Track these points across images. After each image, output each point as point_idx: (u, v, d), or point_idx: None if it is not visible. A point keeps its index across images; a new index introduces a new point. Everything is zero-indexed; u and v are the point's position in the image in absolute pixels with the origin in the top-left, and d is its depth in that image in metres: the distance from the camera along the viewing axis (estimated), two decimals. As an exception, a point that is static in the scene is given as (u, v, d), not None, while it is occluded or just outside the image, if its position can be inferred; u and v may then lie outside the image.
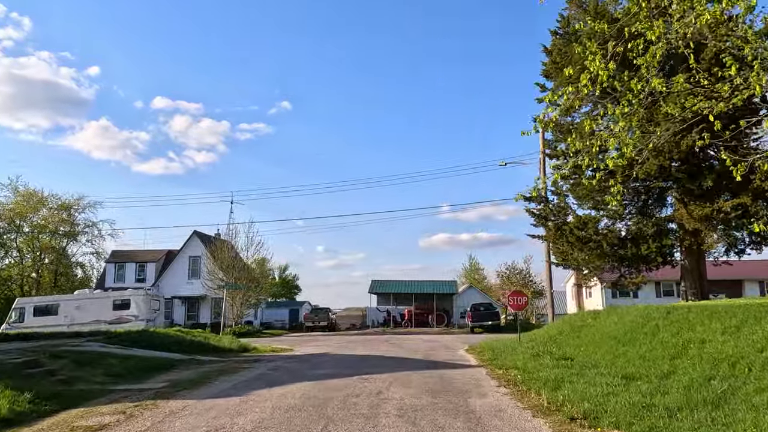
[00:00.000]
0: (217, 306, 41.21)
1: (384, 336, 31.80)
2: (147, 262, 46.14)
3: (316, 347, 21.09)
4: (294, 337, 34.25)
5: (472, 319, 35.51)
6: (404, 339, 26.10)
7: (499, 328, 35.96)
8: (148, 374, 11.79)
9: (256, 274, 40.92)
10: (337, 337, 30.43)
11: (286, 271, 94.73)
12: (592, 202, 17.71)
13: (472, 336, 30.50)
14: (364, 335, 34.53)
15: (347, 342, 23.99)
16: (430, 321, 41.71)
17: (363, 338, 27.99)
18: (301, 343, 24.43)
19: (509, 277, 36.84)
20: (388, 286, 42.93)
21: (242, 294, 37.53)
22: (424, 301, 44.96)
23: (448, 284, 43.57)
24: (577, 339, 15.14)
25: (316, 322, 41.32)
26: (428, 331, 38.06)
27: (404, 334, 34.52)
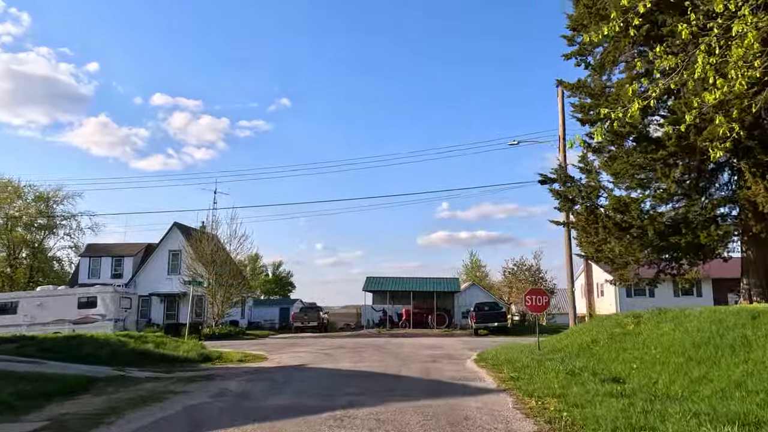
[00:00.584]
0: (198, 304, 37.79)
1: (379, 339, 28.42)
2: (124, 257, 42.66)
3: (294, 355, 17.70)
4: (279, 339, 30.85)
5: (476, 320, 32.15)
6: (401, 343, 22.73)
7: (505, 329, 32.62)
8: (39, 403, 8.42)
9: (242, 269, 37.51)
10: (327, 341, 27.06)
11: (280, 267, 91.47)
12: (632, 180, 14.30)
13: (477, 339, 27.13)
14: (356, 337, 31.16)
15: (335, 348, 20.60)
16: (430, 321, 38.35)
17: (354, 342, 24.61)
18: (280, 349, 21.04)
19: (516, 273, 33.39)
20: (384, 284, 39.54)
21: (224, 291, 34.14)
22: (423, 299, 41.56)
23: (450, 282, 40.16)
24: (622, 352, 11.76)
25: (306, 322, 37.92)
26: (428, 333, 34.67)
27: (401, 337, 31.13)
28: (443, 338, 29.57)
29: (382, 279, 40.38)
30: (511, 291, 33.74)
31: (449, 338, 29.50)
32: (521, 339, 26.96)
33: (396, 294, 41.25)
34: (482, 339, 27.88)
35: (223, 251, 35.45)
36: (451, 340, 25.68)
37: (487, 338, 29.29)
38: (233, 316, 42.38)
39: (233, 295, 34.39)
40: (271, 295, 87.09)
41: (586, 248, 15.82)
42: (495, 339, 27.72)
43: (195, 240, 35.66)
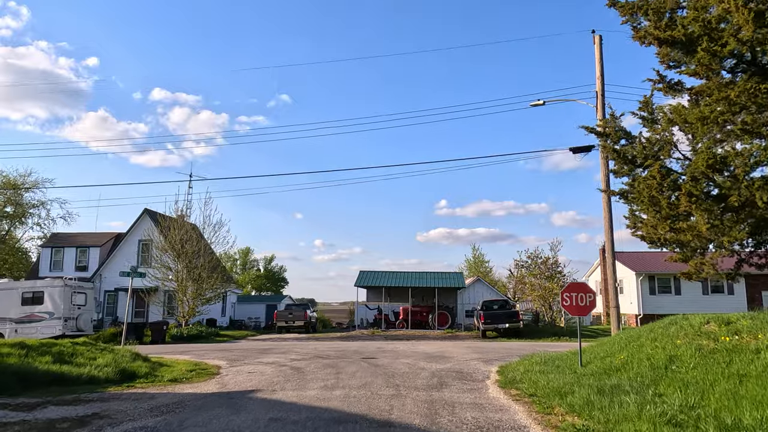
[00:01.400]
0: (171, 300, 33.52)
1: (371, 342, 24.14)
2: (90, 247, 38.36)
3: (255, 369, 13.42)
4: (255, 342, 26.54)
5: (484, 320, 27.87)
6: (396, 351, 18.45)
7: (517, 332, 28.34)
8: None
9: (223, 261, 33.21)
10: (309, 345, 22.82)
11: (272, 262, 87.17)
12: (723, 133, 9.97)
13: (487, 344, 22.85)
14: (346, 340, 26.88)
15: (313, 357, 16.32)
16: (431, 321, 34.07)
17: (340, 348, 20.33)
18: (246, 357, 16.75)
19: (530, 267, 29.06)
20: (379, 278, 35.20)
21: (196, 286, 29.83)
22: (423, 297, 37.24)
23: (454, 277, 35.82)
24: (737, 382, 7.47)
25: (290, 321, 33.60)
26: (428, 335, 30.38)
27: (397, 340, 26.84)
28: (446, 342, 25.30)
29: (377, 273, 36.04)
30: (523, 287, 29.33)
31: (453, 342, 25.22)
32: (540, 344, 22.70)
33: (393, 290, 36.95)
34: (492, 343, 23.63)
35: (198, 240, 31.12)
36: (456, 345, 21.41)
37: (497, 342, 25.02)
38: (211, 313, 38.11)
39: (206, 290, 30.07)
40: (263, 291, 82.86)
41: (648, 228, 11.47)
42: (508, 344, 23.45)
43: (165, 227, 31.33)
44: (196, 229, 31.40)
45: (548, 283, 28.51)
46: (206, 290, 29.97)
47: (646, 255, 40.56)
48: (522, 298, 31.58)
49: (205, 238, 31.27)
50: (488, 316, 28.06)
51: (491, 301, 31.07)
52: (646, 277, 36.62)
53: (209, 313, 38.03)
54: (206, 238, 32.27)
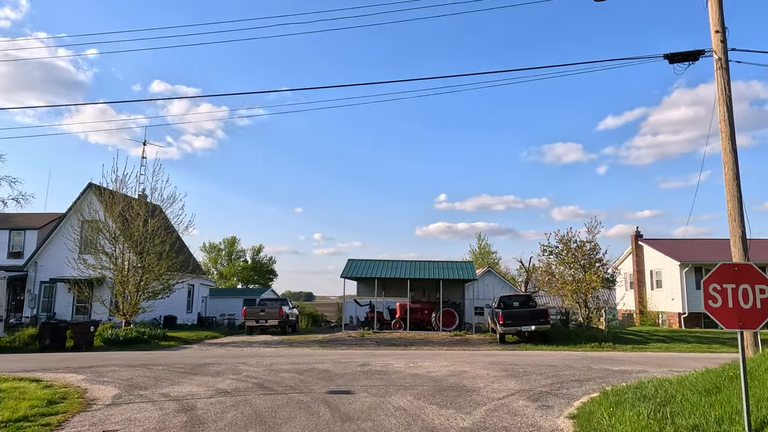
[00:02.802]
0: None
1: (354, 353, 18.00)
2: (26, 229, 32.13)
3: (129, 417, 7.32)
4: (204, 350, 20.41)
5: (503, 321, 21.71)
6: (386, 371, 12.31)
7: (546, 336, 22.21)
8: None
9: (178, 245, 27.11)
10: (266, 358, 16.78)
11: (260, 253, 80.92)
12: None
13: (515, 355, 16.62)
14: (325, 347, 20.73)
15: (247, 390, 10.26)
16: (434, 321, 27.86)
17: (308, 365, 14.17)
18: (154, 384, 10.71)
19: (563, 253, 22.85)
20: (371, 269, 28.96)
21: (138, 276, 23.67)
22: (425, 291, 31.04)
23: (463, 267, 29.56)
24: None
25: (262, 320, 27.42)
26: (431, 338, 24.21)
27: (392, 346, 20.67)
28: (457, 351, 19.14)
29: (369, 263, 29.79)
30: (551, 279, 23.12)
31: (467, 351, 19.05)
32: (584, 355, 16.43)
33: (388, 283, 30.76)
34: (520, 354, 17.44)
35: (146, 219, 24.83)
36: (473, 359, 15.23)
37: (525, 351, 18.85)
38: (172, 309, 31.89)
39: (151, 281, 23.85)
40: (250, 284, 76.72)
41: None
42: (541, 354, 17.27)
43: (109, 203, 25.04)
44: (144, 206, 25.13)
45: (585, 274, 22.30)
46: (151, 281, 23.75)
47: (689, 243, 34.38)
48: (549, 293, 25.37)
49: (155, 216, 24.98)
50: (508, 315, 21.88)
51: (510, 297, 24.89)
52: (692, 269, 30.47)
53: (168, 309, 31.84)
54: (161, 217, 26.00)
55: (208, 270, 77.24)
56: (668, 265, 31.97)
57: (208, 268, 77.50)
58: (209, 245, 78.31)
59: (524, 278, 50.78)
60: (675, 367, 13.36)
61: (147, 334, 22.76)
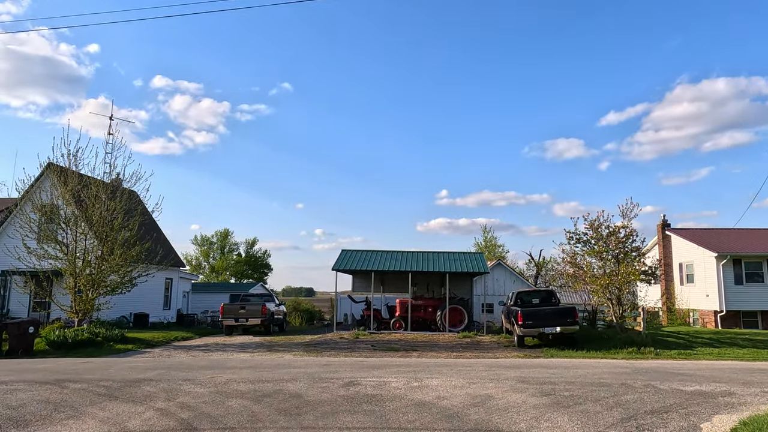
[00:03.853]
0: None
1: (343, 360, 14.51)
2: (-21, 216, 28.58)
3: None
4: (161, 357, 16.95)
5: (523, 322, 18.21)
6: (380, 405, 8.85)
7: (572, 339, 18.76)
8: None
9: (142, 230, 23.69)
10: (228, 371, 13.36)
11: (254, 246, 77.36)
12: None
13: (546, 366, 12.98)
14: (310, 352, 17.28)
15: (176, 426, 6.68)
16: (439, 320, 24.31)
17: (278, 382, 10.72)
18: (41, 421, 7.16)
19: (594, 241, 19.29)
20: (368, 260, 25.43)
21: (92, 267, 20.21)
22: (429, 286, 27.57)
23: (472, 259, 25.99)
24: None
25: (242, 319, 23.96)
26: (437, 341, 20.72)
27: (391, 351, 17.19)
28: (470, 358, 15.67)
29: (364, 254, 26.25)
30: (578, 272, 19.59)
31: (482, 358, 15.56)
32: (626, 364, 12.78)
33: (387, 277, 27.30)
34: (549, 362, 13.93)
35: (111, 202, 21.25)
36: (493, 373, 11.76)
37: (551, 359, 15.37)
38: (144, 306, 28.45)
39: (108, 273, 20.33)
40: (244, 279, 73.21)
41: None
42: (577, 363, 13.74)
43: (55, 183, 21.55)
44: (105, 187, 21.56)
45: (619, 266, 18.80)
46: (108, 273, 20.24)
47: (724, 233, 30.86)
48: (575, 288, 21.83)
49: (115, 199, 21.39)
50: (529, 315, 18.37)
51: (529, 293, 21.39)
52: (731, 261, 26.94)
53: (139, 305, 28.38)
54: (127, 201, 22.43)
55: (200, 264, 73.80)
56: (702, 258, 28.43)
57: (199, 262, 74.06)
58: (201, 238, 74.88)
59: (534, 273, 47.48)
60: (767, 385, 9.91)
61: (102, 336, 19.28)
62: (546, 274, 46.34)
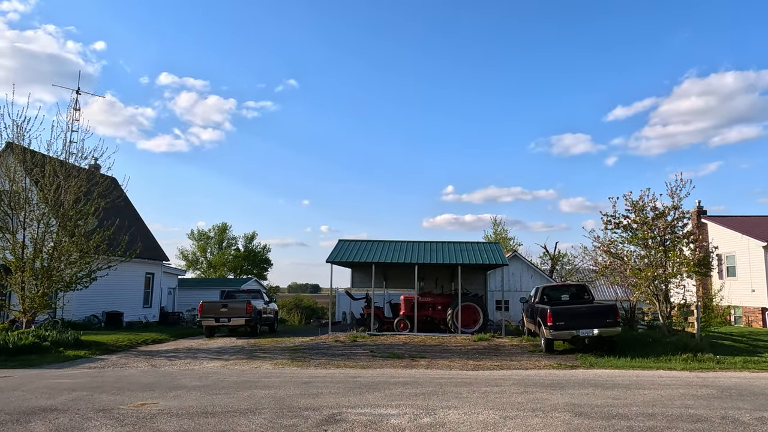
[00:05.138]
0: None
1: (332, 374, 11.40)
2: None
3: None
4: (121, 365, 13.93)
5: (553, 322, 15.05)
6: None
7: (611, 344, 15.61)
8: None
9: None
10: (184, 385, 10.36)
11: (253, 240, 74.34)
12: None
13: (591, 382, 9.74)
14: (297, 358, 14.19)
15: None
16: (450, 320, 21.09)
17: (215, 421, 7.57)
18: None
19: (633, 226, 15.99)
20: (367, 251, 22.28)
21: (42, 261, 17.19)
22: (437, 279, 24.44)
23: (488, 250, 22.76)
24: None
25: (224, 318, 20.91)
26: (447, 345, 17.58)
27: (391, 362, 14.02)
28: (492, 369, 12.51)
29: (364, 244, 23.09)
30: (614, 264, 16.36)
31: (506, 369, 12.38)
32: (711, 379, 9.52)
33: (391, 270, 24.16)
34: (597, 377, 10.75)
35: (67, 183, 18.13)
36: (536, 399, 8.66)
37: (595, 369, 12.19)
38: (123, 304, 25.45)
39: (59, 265, 17.26)
40: (242, 275, 70.27)
41: None
42: (632, 377, 10.54)
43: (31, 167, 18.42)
44: (63, 167, 18.47)
45: (669, 256, 15.62)
46: (59, 265, 17.18)
47: None
48: (613, 282, 18.63)
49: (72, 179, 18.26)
50: (560, 314, 15.20)
51: (557, 288, 18.21)
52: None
53: (113, 303, 25.37)
54: (91, 183, 19.31)
55: (197, 259, 70.90)
56: (746, 248, 25.17)
57: (196, 257, 71.17)
58: (198, 232, 71.97)
59: (549, 267, 44.23)
60: None
61: (50, 339, 16.23)
62: (562, 269, 43.16)
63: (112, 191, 19.28)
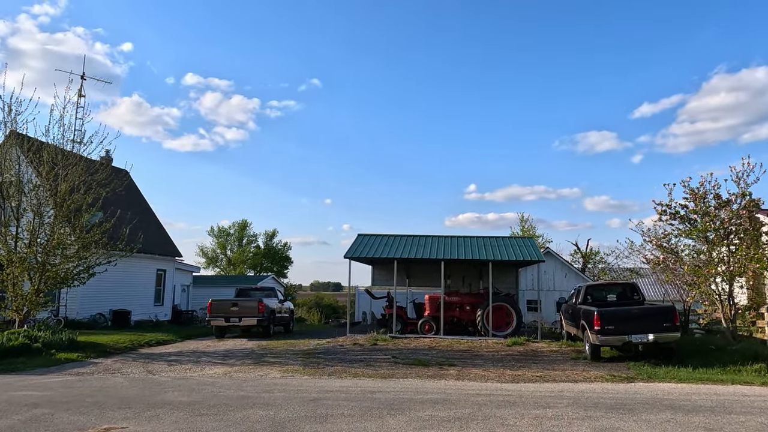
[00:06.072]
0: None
1: (347, 387, 9.67)
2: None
3: None
4: (111, 372, 12.41)
5: (601, 326, 13.13)
6: None
7: (669, 350, 13.66)
8: None
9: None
10: (168, 400, 8.72)
11: (274, 238, 73.16)
12: None
13: (669, 404, 7.95)
14: (306, 367, 12.50)
15: None
16: (480, 322, 19.19)
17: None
18: None
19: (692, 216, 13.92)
20: (389, 246, 20.52)
21: (32, 255, 15.83)
22: (464, 277, 22.61)
23: (521, 244, 20.85)
24: None
25: (234, 318, 19.38)
26: (478, 350, 15.76)
27: (417, 370, 12.22)
28: (534, 381, 10.64)
29: (385, 239, 21.34)
30: (666, 260, 14.32)
31: (555, 383, 10.50)
32: None
33: (414, 267, 22.44)
34: (661, 391, 8.86)
35: (65, 171, 16.71)
36: (602, 428, 6.84)
37: (662, 383, 10.25)
38: (132, 301, 24.17)
39: (52, 260, 15.86)
40: (262, 273, 69.13)
41: None
42: (710, 397, 8.61)
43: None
44: (64, 155, 17.07)
45: (737, 250, 13.60)
46: (57, 259, 15.78)
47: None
48: (667, 281, 16.61)
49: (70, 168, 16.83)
50: (609, 317, 13.26)
51: (601, 287, 16.24)
52: None
53: (121, 301, 24.08)
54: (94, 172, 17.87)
55: (216, 257, 69.96)
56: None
57: (216, 255, 70.25)
58: (218, 229, 70.98)
59: (580, 265, 41.97)
60: None
61: (42, 340, 14.83)
62: (594, 267, 40.89)
63: (112, 180, 17.81)
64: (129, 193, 29.10)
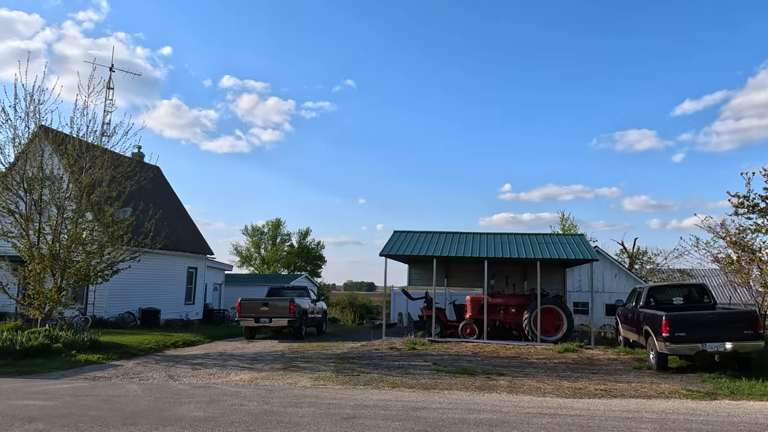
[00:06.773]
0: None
1: (384, 401, 8.45)
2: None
3: None
4: (132, 376, 11.47)
5: (670, 333, 11.60)
6: None
7: (748, 361, 12.01)
8: None
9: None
10: (180, 415, 7.55)
11: (307, 237, 72.56)
12: None
13: None
14: (338, 374, 11.32)
15: None
16: (527, 326, 17.70)
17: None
18: None
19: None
20: (427, 243, 19.20)
21: (55, 250, 15.15)
22: (507, 278, 21.17)
23: (570, 242, 19.30)
24: None
25: (264, 318, 18.43)
26: (527, 358, 14.35)
27: (461, 380, 10.88)
28: (598, 396, 9.20)
29: (423, 236, 20.03)
30: (740, 259, 12.63)
31: (622, 399, 9.05)
32: None
33: (454, 266, 21.10)
34: (758, 411, 7.47)
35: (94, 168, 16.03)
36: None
37: (738, 401, 8.76)
38: (162, 300, 23.54)
39: (73, 257, 15.15)
40: (296, 271, 68.58)
41: None
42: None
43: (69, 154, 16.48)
44: (90, 148, 16.38)
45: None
46: (73, 257, 15.06)
47: None
48: (743, 282, 14.89)
49: (97, 161, 16.11)
50: (679, 322, 11.72)
51: (666, 289, 14.62)
52: None
53: (150, 300, 23.45)
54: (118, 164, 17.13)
55: (251, 255, 69.79)
56: None
57: (250, 253, 70.09)
58: (252, 228, 70.82)
59: (627, 265, 39.84)
60: None
61: (63, 341, 14.09)
62: (641, 268, 38.72)
63: (137, 172, 17.03)
64: (160, 189, 28.59)
